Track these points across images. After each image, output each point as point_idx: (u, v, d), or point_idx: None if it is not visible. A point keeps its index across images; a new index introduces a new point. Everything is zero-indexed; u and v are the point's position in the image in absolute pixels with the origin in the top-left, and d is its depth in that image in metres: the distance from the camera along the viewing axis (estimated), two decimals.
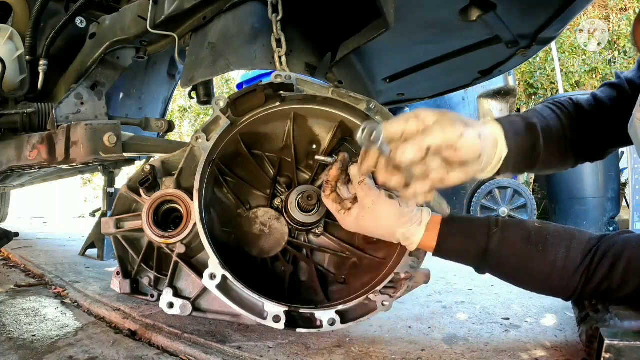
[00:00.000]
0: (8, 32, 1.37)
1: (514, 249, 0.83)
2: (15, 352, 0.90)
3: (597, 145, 1.00)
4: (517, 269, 0.85)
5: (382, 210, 0.83)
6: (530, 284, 0.87)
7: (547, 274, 0.82)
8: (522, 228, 0.85)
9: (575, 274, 0.80)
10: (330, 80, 1.14)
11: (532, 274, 0.84)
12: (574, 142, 0.95)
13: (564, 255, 0.81)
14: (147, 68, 1.86)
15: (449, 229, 0.86)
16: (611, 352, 0.68)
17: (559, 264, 0.80)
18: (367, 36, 0.94)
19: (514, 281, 0.89)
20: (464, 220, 0.89)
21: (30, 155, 1.27)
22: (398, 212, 0.84)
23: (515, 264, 0.84)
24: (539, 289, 0.87)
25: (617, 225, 3.98)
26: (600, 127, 0.96)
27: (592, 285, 0.80)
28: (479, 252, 0.85)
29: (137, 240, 1.01)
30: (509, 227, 0.85)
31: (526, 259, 0.83)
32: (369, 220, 0.85)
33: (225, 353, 0.89)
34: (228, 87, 8.55)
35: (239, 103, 0.95)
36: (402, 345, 0.94)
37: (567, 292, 0.83)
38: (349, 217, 0.87)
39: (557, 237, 0.83)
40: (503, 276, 0.89)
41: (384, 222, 0.84)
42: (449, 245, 0.86)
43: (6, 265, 1.97)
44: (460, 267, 0.91)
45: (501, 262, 0.85)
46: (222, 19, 1.13)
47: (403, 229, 0.85)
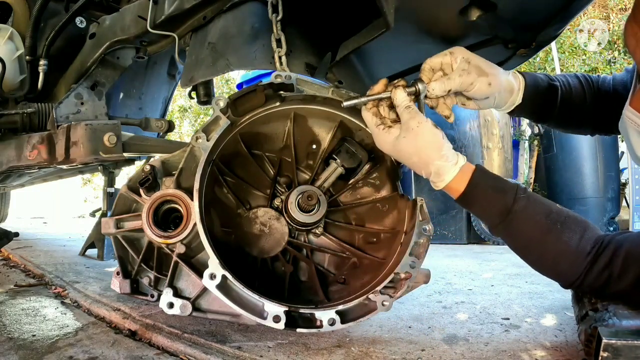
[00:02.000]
0: (8, 32, 1.37)
1: (535, 219, 0.84)
2: (15, 352, 0.90)
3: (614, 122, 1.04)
4: (532, 240, 0.85)
5: (427, 135, 0.85)
6: (539, 259, 0.87)
7: (559, 254, 0.82)
8: (545, 203, 0.86)
9: (583, 261, 0.81)
10: (330, 80, 1.14)
11: (545, 249, 0.84)
12: (592, 113, 1.05)
13: (577, 240, 0.81)
14: (147, 68, 1.86)
15: (480, 179, 0.87)
16: (609, 350, 0.69)
17: (572, 246, 0.81)
18: (367, 36, 0.94)
19: (526, 253, 0.88)
20: (495, 177, 0.90)
21: (30, 155, 1.27)
22: (440, 142, 0.85)
23: (532, 234, 0.84)
24: (545, 267, 0.87)
25: (617, 225, 3.98)
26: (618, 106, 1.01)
27: (593, 274, 0.80)
28: (503, 210, 0.85)
29: (137, 240, 1.01)
30: (534, 198, 0.86)
31: (544, 232, 0.83)
32: (409, 142, 0.85)
33: (225, 353, 0.89)
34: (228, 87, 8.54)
35: (239, 103, 0.95)
36: (402, 345, 0.94)
37: (571, 277, 0.83)
38: (388, 136, 0.87)
39: (574, 222, 0.84)
40: (517, 244, 0.88)
41: (423, 149, 0.85)
42: (477, 194, 0.86)
43: (6, 265, 1.97)
44: (461, 267, 0.91)
45: (520, 228, 0.85)
46: (222, 19, 1.13)
47: (440, 161, 0.85)
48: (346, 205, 1.11)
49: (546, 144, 4.27)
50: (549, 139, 4.19)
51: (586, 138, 3.90)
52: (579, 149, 3.96)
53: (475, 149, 3.73)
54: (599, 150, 3.92)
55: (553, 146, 4.13)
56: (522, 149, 4.77)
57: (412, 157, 0.87)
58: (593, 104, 1.05)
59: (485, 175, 0.88)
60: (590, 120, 1.08)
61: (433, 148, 0.85)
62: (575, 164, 3.97)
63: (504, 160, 3.90)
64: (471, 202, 0.88)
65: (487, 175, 0.88)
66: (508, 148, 3.97)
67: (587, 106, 1.05)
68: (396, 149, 0.88)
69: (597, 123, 1.09)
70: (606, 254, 0.80)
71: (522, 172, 4.74)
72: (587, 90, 1.05)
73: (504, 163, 3.90)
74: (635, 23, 0.70)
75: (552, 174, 4.19)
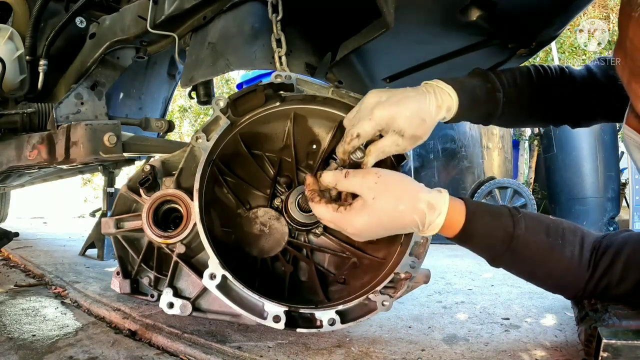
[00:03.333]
0: (8, 32, 1.37)
1: (537, 239, 0.78)
2: (15, 352, 0.90)
3: (579, 113, 1.05)
4: (537, 262, 0.80)
5: (393, 176, 0.77)
6: (546, 280, 0.83)
7: (564, 269, 0.80)
8: (539, 219, 0.81)
9: (586, 272, 0.79)
10: (330, 80, 1.14)
11: (551, 268, 0.80)
12: (548, 107, 1.01)
13: (578, 252, 0.79)
14: (147, 68, 1.86)
15: (473, 205, 0.79)
16: (609, 351, 0.69)
17: (575, 260, 0.79)
18: (367, 36, 0.94)
19: (531, 275, 0.84)
20: (486, 204, 0.82)
21: (30, 155, 1.27)
22: (408, 178, 0.77)
23: (536, 256, 0.79)
24: (552, 285, 0.84)
25: (617, 225, 3.98)
26: (589, 99, 1.01)
27: (594, 280, 0.79)
28: (505, 236, 0.78)
29: (137, 240, 1.01)
30: (529, 215, 0.81)
31: (548, 251, 0.78)
32: (384, 196, 0.74)
33: (225, 353, 0.89)
34: (228, 87, 8.54)
35: (239, 103, 0.95)
36: (402, 345, 0.94)
37: (576, 290, 0.81)
38: (356, 214, 0.75)
39: (571, 232, 0.81)
40: (521, 268, 0.83)
41: (403, 187, 0.75)
42: (477, 223, 0.78)
43: (6, 265, 1.97)
44: (461, 267, 0.91)
45: (524, 253, 0.79)
46: (222, 19, 1.13)
47: (424, 193, 0.75)
48: None
49: (546, 144, 4.27)
50: (549, 138, 4.18)
51: (586, 138, 3.90)
52: (579, 149, 3.96)
53: (475, 149, 3.73)
54: (599, 150, 3.92)
55: (553, 146, 4.13)
56: (522, 149, 4.76)
57: (398, 205, 0.74)
58: (547, 97, 1.00)
59: (473, 202, 0.80)
60: (546, 115, 1.04)
61: (410, 182, 0.77)
62: (575, 164, 3.97)
63: (504, 160, 3.90)
64: (472, 234, 0.79)
65: (479, 204, 0.81)
66: (508, 148, 3.97)
67: (538, 99, 0.99)
68: (375, 215, 0.75)
69: (557, 116, 1.05)
70: (605, 260, 0.78)
71: (522, 172, 4.74)
72: (538, 85, 0.99)
73: (504, 163, 3.90)
74: (620, 49, 0.68)
75: (552, 174, 4.19)
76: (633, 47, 0.62)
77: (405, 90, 0.86)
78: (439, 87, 0.88)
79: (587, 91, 1.01)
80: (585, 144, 3.94)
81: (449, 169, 3.73)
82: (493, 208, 0.82)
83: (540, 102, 1.01)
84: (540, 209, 4.30)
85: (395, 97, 0.83)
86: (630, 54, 0.64)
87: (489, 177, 3.77)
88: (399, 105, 0.81)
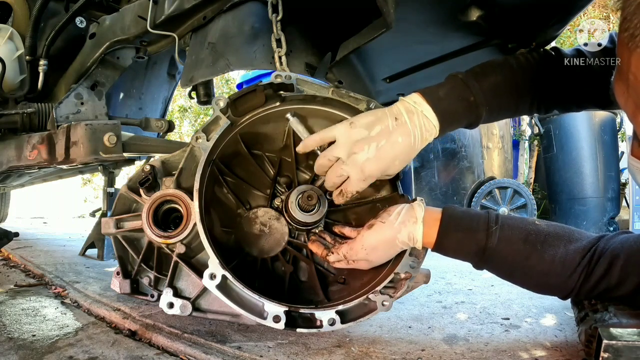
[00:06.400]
0: (8, 32, 1.37)
1: (512, 248, 0.83)
2: (15, 352, 0.90)
3: (568, 95, 1.03)
4: (515, 268, 0.85)
5: (375, 237, 0.88)
6: (528, 282, 0.88)
7: (545, 273, 0.82)
8: (520, 227, 0.85)
9: (574, 273, 0.80)
10: (330, 80, 1.14)
11: (530, 272, 0.84)
12: (535, 92, 0.98)
13: (563, 254, 0.81)
14: (147, 68, 1.86)
15: (448, 225, 0.86)
16: (609, 351, 0.68)
17: (557, 263, 0.81)
18: (367, 36, 0.94)
19: (512, 279, 0.89)
20: (464, 214, 0.88)
21: (30, 155, 1.27)
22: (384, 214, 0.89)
23: (513, 262, 0.84)
24: (537, 287, 0.88)
25: (617, 225, 3.99)
26: (578, 78, 0.99)
27: (590, 284, 0.80)
28: (478, 249, 0.85)
29: (137, 240, 1.01)
30: (509, 224, 0.85)
31: (524, 257, 0.83)
32: (375, 253, 0.88)
33: (225, 353, 0.89)
34: (228, 87, 8.54)
35: (239, 103, 0.95)
36: (402, 345, 0.94)
37: (565, 290, 0.84)
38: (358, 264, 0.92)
39: (555, 236, 0.83)
40: (501, 274, 0.89)
41: (385, 242, 0.87)
42: (449, 241, 0.86)
43: (6, 265, 1.97)
44: (461, 267, 0.92)
45: (500, 261, 0.85)
46: (222, 19, 1.13)
47: (405, 233, 0.86)
48: (346, 205, 1.11)
49: (546, 144, 4.28)
50: (549, 138, 4.19)
51: (586, 138, 3.90)
52: (579, 149, 3.96)
53: (475, 149, 3.73)
54: (599, 150, 3.92)
55: (553, 146, 4.14)
56: (522, 149, 4.76)
57: (388, 252, 0.90)
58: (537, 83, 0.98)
59: (452, 218, 0.87)
60: (535, 103, 1.00)
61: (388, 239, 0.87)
62: (575, 164, 3.97)
63: (504, 160, 3.90)
64: (445, 249, 0.88)
65: (455, 216, 0.87)
66: (508, 148, 3.97)
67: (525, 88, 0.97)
68: (370, 246, 0.88)
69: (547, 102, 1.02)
70: (602, 264, 0.79)
71: (522, 172, 4.74)
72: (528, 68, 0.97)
73: (504, 163, 3.90)
74: (622, 81, 0.67)
75: (552, 174, 4.20)
76: (636, 81, 0.60)
77: (386, 126, 0.86)
78: (424, 116, 0.87)
79: (577, 72, 0.99)
80: (585, 144, 3.94)
81: (449, 169, 3.73)
82: (470, 221, 0.86)
83: (527, 90, 0.97)
84: (540, 209, 4.31)
85: (380, 138, 0.86)
86: (634, 86, 0.62)
87: (489, 177, 3.77)
88: (388, 152, 0.86)
